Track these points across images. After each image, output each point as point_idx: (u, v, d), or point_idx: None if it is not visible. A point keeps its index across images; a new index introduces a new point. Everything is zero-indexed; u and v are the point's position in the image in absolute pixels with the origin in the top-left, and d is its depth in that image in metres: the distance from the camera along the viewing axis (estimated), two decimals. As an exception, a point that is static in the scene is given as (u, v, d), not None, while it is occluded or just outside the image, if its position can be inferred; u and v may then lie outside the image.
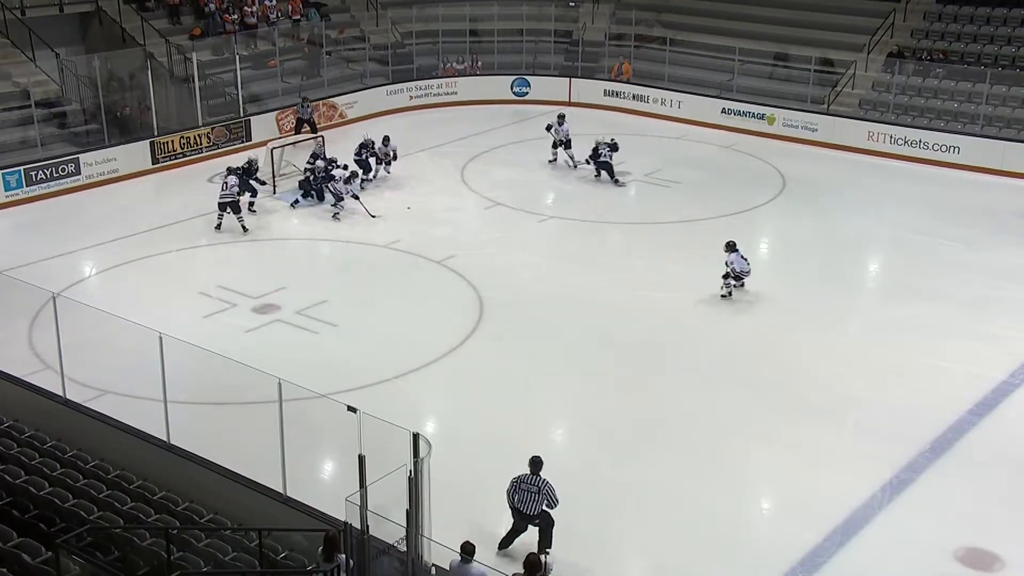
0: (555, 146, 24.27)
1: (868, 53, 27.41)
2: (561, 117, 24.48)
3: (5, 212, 21.15)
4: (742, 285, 17.47)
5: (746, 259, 17.38)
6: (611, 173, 23.04)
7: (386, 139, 23.21)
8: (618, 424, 13.84)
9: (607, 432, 13.68)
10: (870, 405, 14.31)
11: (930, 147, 24.86)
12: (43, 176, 21.86)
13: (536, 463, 10.97)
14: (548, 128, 24.32)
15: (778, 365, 15.37)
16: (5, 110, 23.17)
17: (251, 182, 21.08)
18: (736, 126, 27.28)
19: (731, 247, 17.29)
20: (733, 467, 12.90)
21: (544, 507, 10.87)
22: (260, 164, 23.09)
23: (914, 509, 12.12)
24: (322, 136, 23.87)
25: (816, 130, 26.32)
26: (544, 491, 10.85)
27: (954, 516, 11.98)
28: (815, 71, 27.21)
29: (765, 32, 29.08)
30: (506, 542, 11.14)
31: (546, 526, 10.95)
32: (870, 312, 17.59)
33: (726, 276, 17.31)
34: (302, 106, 26.10)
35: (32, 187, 21.69)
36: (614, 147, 23.10)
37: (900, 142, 25.22)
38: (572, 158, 24.05)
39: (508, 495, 10.99)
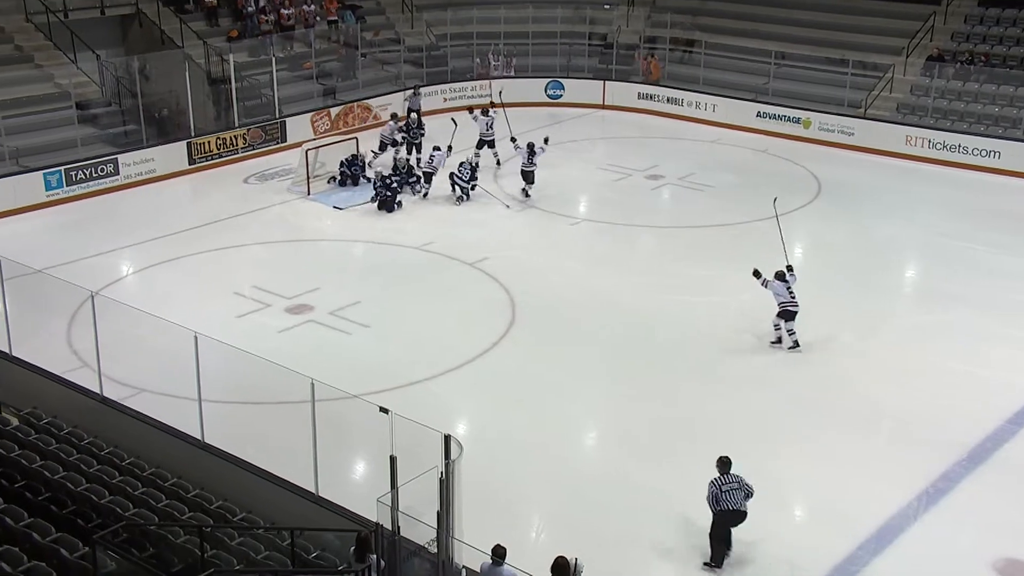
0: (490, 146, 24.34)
1: (907, 56, 27.11)
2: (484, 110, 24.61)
3: (46, 211, 21.44)
4: (790, 333, 15.57)
5: (791, 290, 15.50)
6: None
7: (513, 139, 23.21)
8: (649, 429, 13.79)
9: (638, 437, 13.63)
10: (905, 412, 14.14)
11: (970, 152, 24.54)
12: (83, 176, 22.14)
13: (726, 463, 11.15)
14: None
15: (812, 371, 15.25)
16: (47, 111, 23.47)
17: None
18: (771, 130, 27.09)
19: (778, 275, 15.66)
20: (765, 473, 12.74)
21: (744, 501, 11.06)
22: (295, 165, 23.36)
23: (951, 518, 11.98)
24: (356, 138, 24.00)
25: (853, 134, 26.08)
26: (743, 485, 11.05)
27: (992, 526, 11.81)
28: (852, 74, 26.95)
29: (802, 35, 28.88)
30: (720, 556, 11.12)
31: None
32: (906, 318, 17.40)
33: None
34: (413, 95, 26.27)
35: (72, 187, 21.98)
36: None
37: (939, 147, 24.91)
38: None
39: (712, 502, 10.98)
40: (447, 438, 9.54)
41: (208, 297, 17.49)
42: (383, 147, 24.22)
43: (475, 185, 22.17)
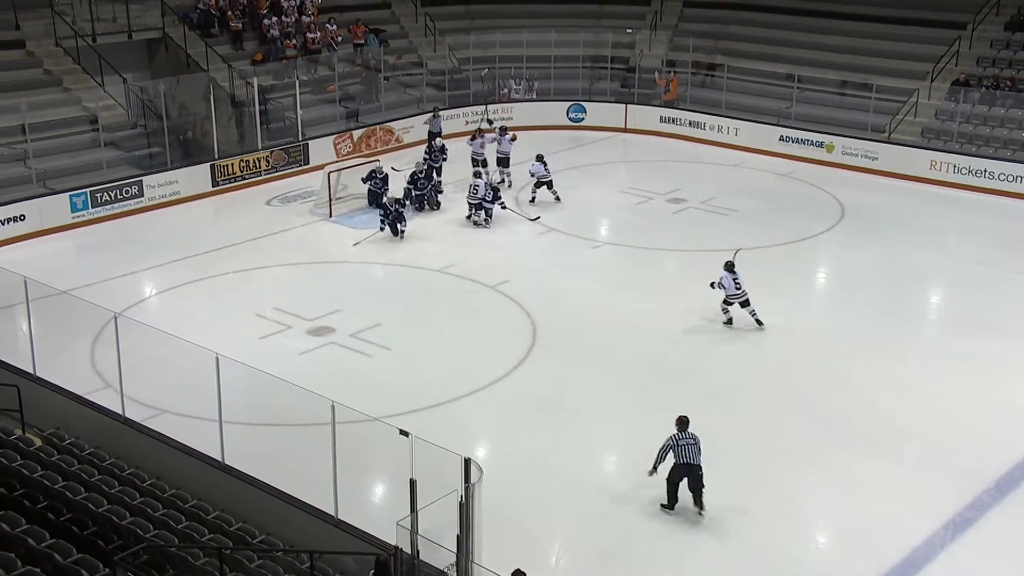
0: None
1: (932, 81, 26.97)
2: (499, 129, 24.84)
3: (71, 233, 21.61)
4: (728, 316, 17.07)
5: (739, 281, 16.87)
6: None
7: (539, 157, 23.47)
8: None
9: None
10: (932, 439, 13.97)
11: (996, 177, 24.33)
12: (108, 198, 22.30)
13: (684, 422, 12.25)
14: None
15: (837, 396, 15.09)
16: (74, 134, 23.71)
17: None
18: (794, 154, 26.96)
19: (727, 266, 17.03)
20: (789, 499, 12.66)
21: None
22: (318, 188, 23.45)
23: (979, 549, 11.79)
24: (379, 160, 24.08)
25: (877, 159, 25.92)
26: (698, 442, 12.14)
27: (1021, 556, 11.61)
28: (876, 99, 26.83)
29: (825, 60, 28.79)
30: (673, 499, 12.28)
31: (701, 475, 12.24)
32: (932, 345, 17.22)
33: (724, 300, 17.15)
34: (433, 118, 26.43)
35: (97, 208, 22.14)
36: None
37: (964, 172, 24.71)
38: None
39: (663, 453, 12.18)
40: (467, 461, 9.51)
41: (230, 318, 17.53)
42: (476, 163, 24.21)
43: (503, 204, 22.21)
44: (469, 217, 22.31)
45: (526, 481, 12.89)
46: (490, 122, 25.70)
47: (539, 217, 22.20)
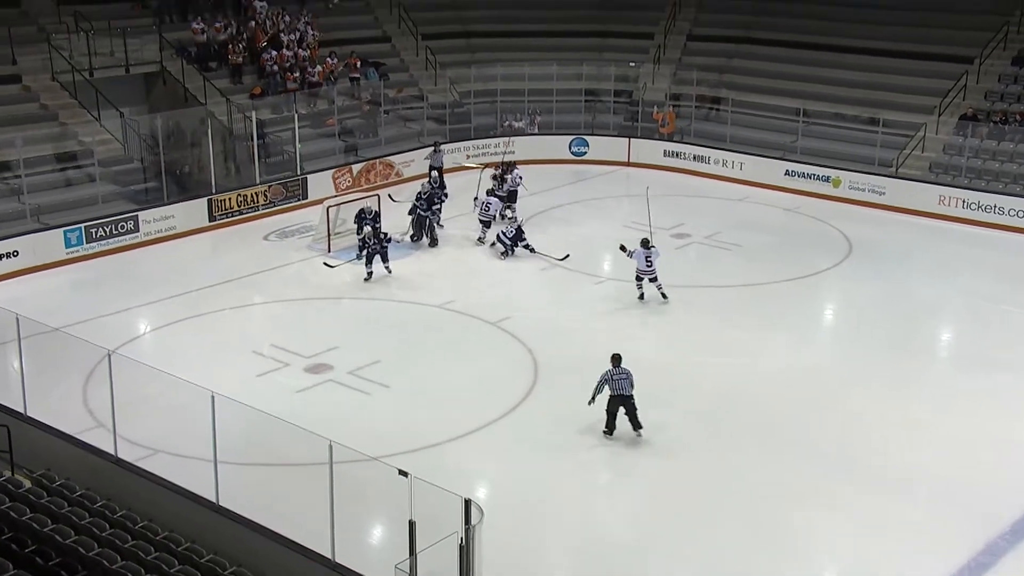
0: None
1: (939, 115, 26.84)
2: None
3: (65, 269, 21.35)
4: (640, 292, 19.15)
5: (650, 259, 18.85)
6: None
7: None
8: (676, 492, 13.38)
9: (665, 500, 13.23)
10: (943, 480, 13.66)
11: (1005, 212, 24.13)
12: (103, 233, 22.08)
13: (617, 358, 14.20)
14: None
15: (844, 433, 14.81)
16: (70, 168, 23.54)
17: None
18: (800, 188, 26.80)
19: (643, 243, 19.07)
20: (798, 540, 12.39)
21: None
22: (316, 222, 23.23)
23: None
24: (377, 195, 23.86)
25: (884, 193, 25.74)
26: (630, 376, 14.08)
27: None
28: (883, 133, 26.70)
29: (831, 93, 28.72)
30: (611, 426, 14.27)
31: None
32: (942, 382, 16.94)
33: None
34: (434, 152, 26.30)
35: (92, 244, 21.90)
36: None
37: (973, 207, 24.51)
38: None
39: (601, 385, 14.14)
40: (467, 503, 9.37)
41: (226, 356, 17.27)
42: (512, 196, 24.09)
43: (528, 246, 22.03)
44: (481, 240, 22.49)
45: (527, 523, 12.61)
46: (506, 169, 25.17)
47: (568, 255, 21.87)
